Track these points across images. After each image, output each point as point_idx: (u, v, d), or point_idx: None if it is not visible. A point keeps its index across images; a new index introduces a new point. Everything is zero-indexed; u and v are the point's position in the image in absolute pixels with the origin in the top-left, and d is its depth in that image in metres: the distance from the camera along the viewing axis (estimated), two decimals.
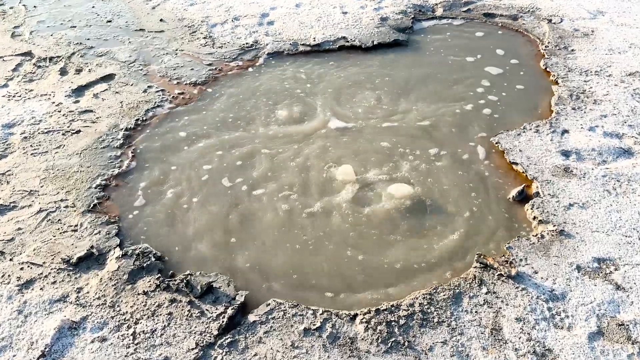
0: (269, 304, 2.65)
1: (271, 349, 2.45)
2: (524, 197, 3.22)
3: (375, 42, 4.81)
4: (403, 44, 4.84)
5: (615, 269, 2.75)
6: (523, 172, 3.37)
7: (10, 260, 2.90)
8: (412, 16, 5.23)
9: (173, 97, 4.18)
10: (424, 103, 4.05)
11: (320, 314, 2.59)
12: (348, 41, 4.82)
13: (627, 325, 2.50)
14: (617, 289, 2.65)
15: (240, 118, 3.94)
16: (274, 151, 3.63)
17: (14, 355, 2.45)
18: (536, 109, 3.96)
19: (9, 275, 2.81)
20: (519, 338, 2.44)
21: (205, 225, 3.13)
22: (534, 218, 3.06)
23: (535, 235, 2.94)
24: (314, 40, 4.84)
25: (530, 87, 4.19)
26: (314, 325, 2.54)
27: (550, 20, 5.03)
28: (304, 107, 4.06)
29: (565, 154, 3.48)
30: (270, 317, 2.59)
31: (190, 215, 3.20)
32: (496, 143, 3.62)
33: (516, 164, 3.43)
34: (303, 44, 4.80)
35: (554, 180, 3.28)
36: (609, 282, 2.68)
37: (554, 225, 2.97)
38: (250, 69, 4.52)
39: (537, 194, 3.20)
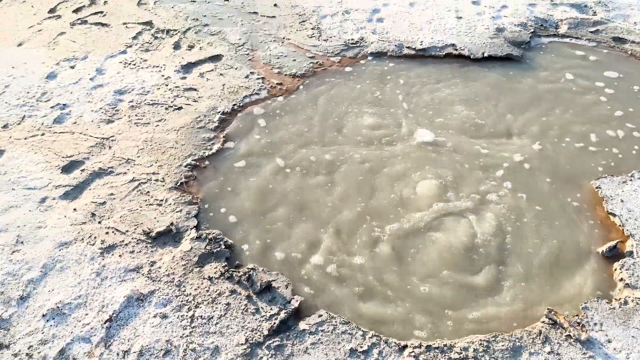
0: (321, 315, 2.68)
1: None
2: (615, 254, 2.95)
3: (485, 54, 4.56)
4: (517, 60, 4.55)
5: None
6: (620, 225, 3.08)
7: (99, 223, 3.17)
8: (532, 30, 4.88)
9: (271, 86, 4.27)
10: (526, 132, 3.81)
11: (369, 337, 2.58)
12: (457, 49, 4.62)
13: None
14: None
15: (328, 120, 3.95)
16: (359, 160, 3.61)
17: (86, 314, 2.69)
18: None
19: (95, 237, 3.07)
20: None
21: (284, 224, 3.21)
22: (621, 280, 2.80)
23: (618, 300, 2.70)
24: (421, 45, 4.69)
25: None
26: (362, 347, 2.54)
27: None
28: (394, 118, 3.98)
29: None
30: (320, 328, 2.62)
31: (271, 213, 3.28)
32: (596, 188, 3.33)
33: (614, 215, 3.14)
34: (408, 47, 4.67)
35: None
36: None
37: None
38: (350, 68, 4.48)
39: (631, 253, 2.92)
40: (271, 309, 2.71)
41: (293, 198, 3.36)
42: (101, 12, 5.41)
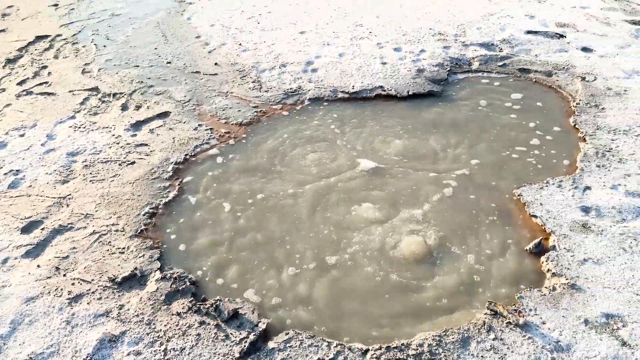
0: (288, 333, 2.88)
1: None
2: (540, 250, 3.35)
3: (410, 92, 5.08)
4: (437, 95, 5.08)
5: (623, 326, 2.83)
6: (542, 225, 3.51)
7: (64, 275, 3.27)
8: (448, 68, 5.48)
9: (220, 135, 4.56)
10: (453, 154, 4.26)
11: (334, 347, 2.79)
12: (385, 90, 5.12)
13: None
14: (623, 345, 2.73)
15: (275, 159, 4.27)
16: (306, 191, 3.91)
17: None
18: (562, 164, 4.09)
19: (61, 289, 3.17)
20: None
21: (241, 257, 3.43)
22: (548, 270, 3.19)
23: (547, 287, 3.07)
24: (353, 88, 5.16)
25: (559, 142, 4.33)
26: (328, 356, 2.75)
27: (583, 78, 5.17)
28: (335, 151, 4.35)
29: (585, 210, 3.59)
30: (288, 345, 2.82)
31: (229, 249, 3.49)
32: (518, 195, 3.77)
33: (536, 216, 3.57)
34: (342, 91, 5.13)
35: (571, 235, 3.39)
36: (615, 338, 2.77)
37: (567, 279, 3.09)
38: (291, 113, 4.87)
39: (554, 247, 3.33)
40: (240, 334, 2.88)
41: (248, 233, 3.59)
42: (46, 83, 5.60)
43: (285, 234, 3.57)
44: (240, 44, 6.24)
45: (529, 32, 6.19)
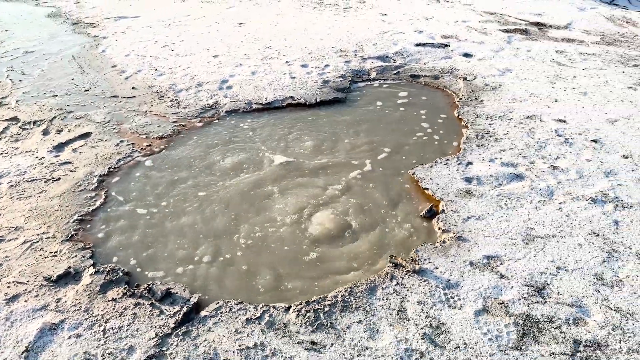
0: (218, 303, 3.21)
1: (218, 335, 2.99)
2: (432, 214, 3.91)
3: (317, 100, 5.64)
4: (342, 101, 5.67)
5: (501, 263, 3.41)
6: (432, 195, 4.08)
7: None
8: (350, 79, 6.12)
9: (142, 148, 4.86)
10: (357, 147, 4.81)
11: (260, 307, 3.15)
12: (295, 100, 5.64)
13: (507, 303, 3.12)
14: (501, 277, 3.30)
15: (196, 162, 4.62)
16: (221, 190, 4.29)
17: (2, 352, 2.93)
18: (448, 147, 4.75)
19: None
20: (419, 316, 3.04)
21: (169, 248, 3.72)
22: (439, 229, 3.74)
23: (439, 241, 3.61)
24: (266, 100, 5.64)
25: (445, 130, 5.01)
26: (255, 316, 3.10)
27: (465, 78, 5.97)
28: (252, 152, 4.77)
29: (468, 180, 4.22)
30: (219, 312, 3.14)
31: (152, 241, 3.78)
32: (413, 174, 4.35)
33: (427, 189, 4.15)
34: (256, 103, 5.60)
35: (456, 200, 3.99)
36: (495, 273, 3.33)
37: (454, 233, 3.65)
38: (209, 124, 5.26)
39: (443, 210, 3.91)
40: (174, 308, 3.17)
41: (173, 227, 3.90)
42: None
43: (208, 225, 3.90)
44: (156, 69, 6.58)
45: (418, 44, 7.01)
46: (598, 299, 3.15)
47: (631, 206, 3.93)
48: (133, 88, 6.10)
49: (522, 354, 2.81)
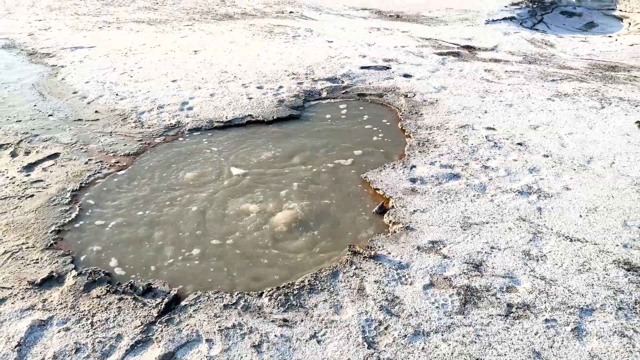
0: (197, 293, 3.55)
1: (199, 319, 3.33)
2: (383, 210, 4.41)
3: (274, 117, 6.11)
4: (297, 117, 6.17)
5: (443, 246, 3.93)
6: (383, 194, 4.60)
7: None
8: (304, 98, 6.64)
9: (110, 165, 5.15)
10: (314, 156, 5.29)
11: (236, 295, 3.52)
12: (253, 117, 6.09)
13: (450, 278, 3.63)
14: (444, 258, 3.81)
15: (162, 175, 4.96)
16: (188, 198, 4.65)
17: None
18: (395, 153, 5.31)
19: None
20: (376, 292, 3.49)
21: (145, 250, 4.04)
22: (390, 222, 4.24)
23: (390, 232, 4.11)
24: (226, 119, 6.06)
25: (392, 140, 5.58)
26: (231, 302, 3.46)
27: (406, 95, 6.62)
28: (215, 166, 5.16)
29: (413, 180, 4.77)
30: (198, 301, 3.49)
31: (129, 245, 4.09)
32: (364, 177, 4.87)
33: (378, 189, 4.67)
34: (217, 121, 6.00)
35: (404, 197, 4.52)
36: (439, 255, 3.84)
37: (403, 224, 4.16)
38: (174, 141, 5.61)
39: (392, 207, 4.42)
40: (156, 300, 3.49)
41: (147, 232, 4.22)
42: None
43: (178, 229, 4.25)
44: (117, 94, 6.89)
45: (363, 67, 7.66)
46: (526, 270, 3.71)
47: (551, 196, 4.57)
48: (96, 112, 6.37)
49: (465, 317, 3.31)
